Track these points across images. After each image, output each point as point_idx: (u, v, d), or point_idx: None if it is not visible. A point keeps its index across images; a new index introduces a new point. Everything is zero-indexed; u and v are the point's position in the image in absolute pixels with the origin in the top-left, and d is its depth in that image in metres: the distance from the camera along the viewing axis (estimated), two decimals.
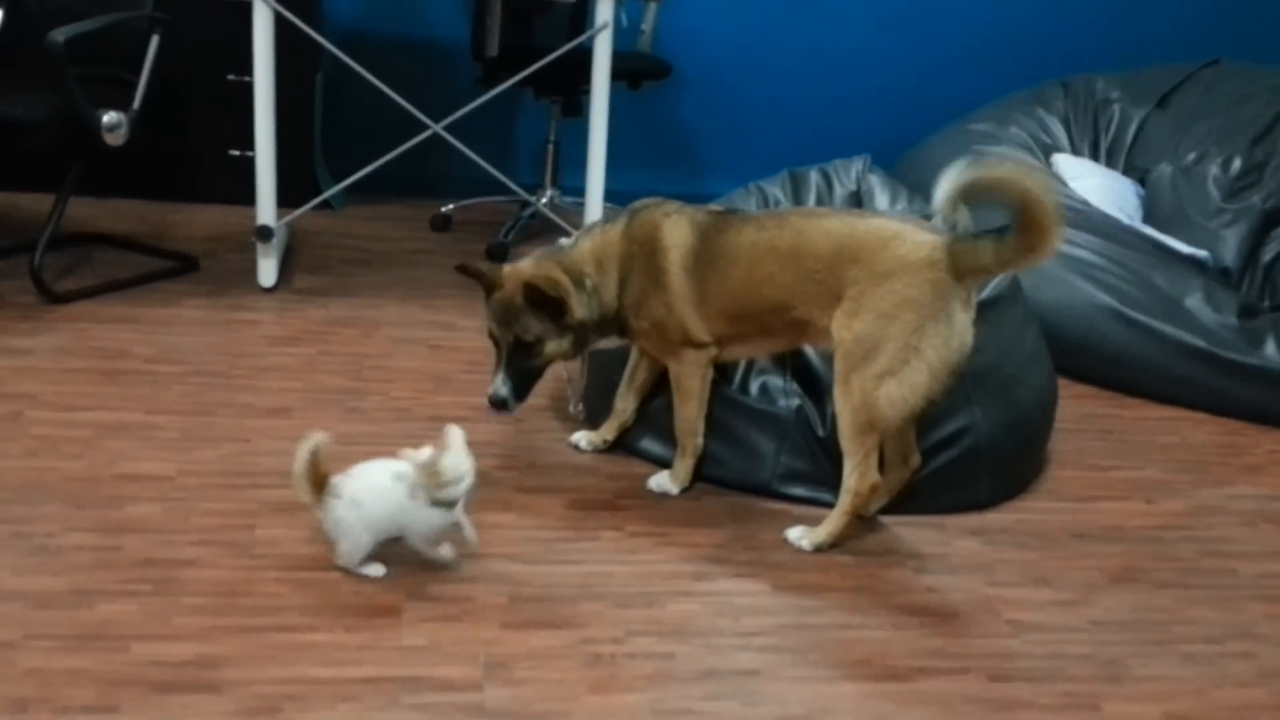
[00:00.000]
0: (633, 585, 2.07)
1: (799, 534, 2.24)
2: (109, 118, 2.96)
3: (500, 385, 2.23)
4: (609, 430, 2.50)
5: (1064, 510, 2.49)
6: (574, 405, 2.54)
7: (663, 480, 2.38)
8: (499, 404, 2.23)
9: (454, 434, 1.96)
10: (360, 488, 1.98)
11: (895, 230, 2.13)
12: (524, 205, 3.96)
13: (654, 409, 2.48)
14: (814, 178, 3.03)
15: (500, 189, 3.77)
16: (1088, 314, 3.14)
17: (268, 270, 3.27)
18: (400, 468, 1.97)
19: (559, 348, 2.24)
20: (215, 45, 3.74)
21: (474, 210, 4.13)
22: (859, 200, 3.03)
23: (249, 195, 3.27)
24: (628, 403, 2.48)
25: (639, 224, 2.26)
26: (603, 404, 2.56)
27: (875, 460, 2.18)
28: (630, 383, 2.47)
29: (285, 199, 3.33)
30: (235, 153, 3.88)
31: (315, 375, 2.77)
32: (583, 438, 2.52)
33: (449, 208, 4.03)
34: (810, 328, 2.21)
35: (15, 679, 1.68)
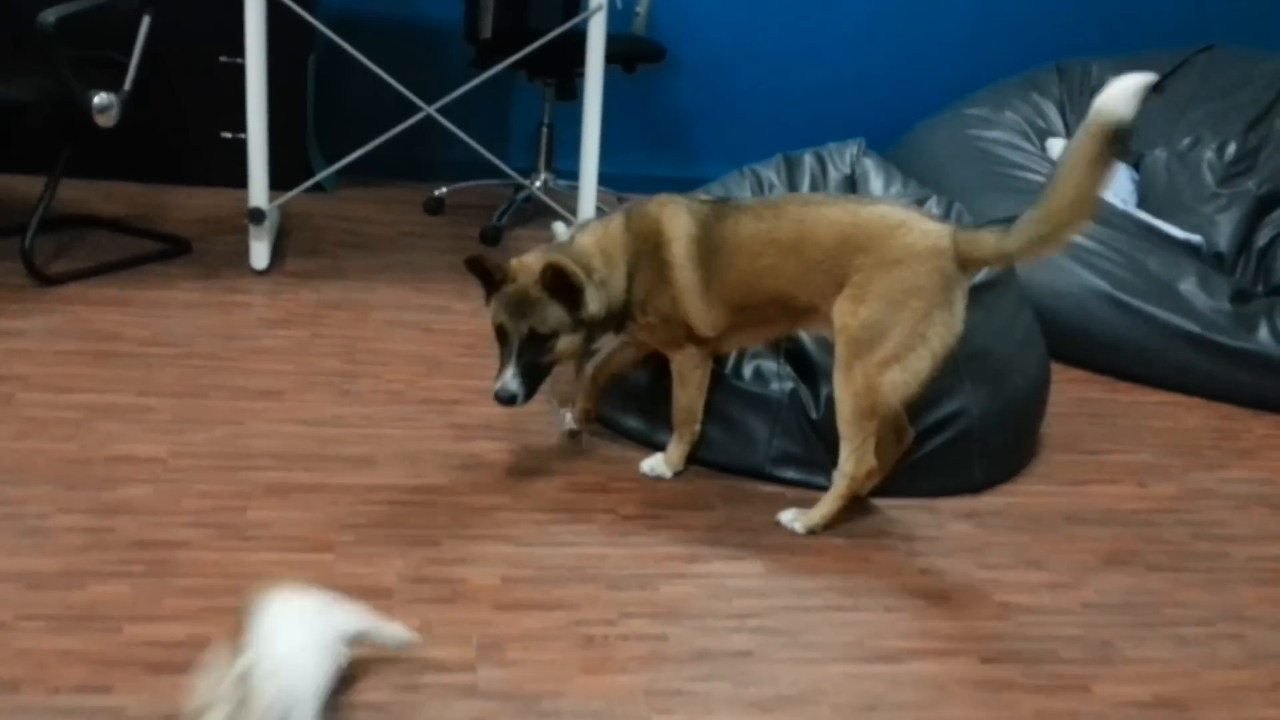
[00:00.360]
0: (626, 567, 2.07)
1: (791, 516, 2.24)
2: (100, 99, 2.95)
3: (510, 380, 2.16)
4: (587, 399, 2.50)
5: (1057, 493, 2.49)
6: (561, 421, 2.51)
7: (656, 463, 2.38)
8: (508, 399, 2.16)
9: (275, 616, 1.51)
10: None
11: (901, 218, 2.12)
12: (518, 189, 3.95)
13: (638, 388, 2.48)
14: (809, 161, 3.03)
15: (494, 172, 3.76)
16: (1081, 299, 3.14)
17: (260, 253, 3.26)
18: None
19: (571, 343, 2.19)
20: (207, 26, 3.72)
21: (467, 194, 4.12)
22: (854, 184, 3.02)
23: (241, 178, 3.26)
24: (597, 374, 2.47)
25: (640, 218, 2.25)
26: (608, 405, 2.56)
27: (872, 445, 2.18)
28: (602, 366, 2.45)
29: (278, 181, 3.32)
30: (227, 135, 3.86)
31: (308, 358, 2.76)
32: (568, 418, 2.50)
33: (442, 191, 4.02)
34: (811, 315, 2.21)
35: (7, 659, 1.68)
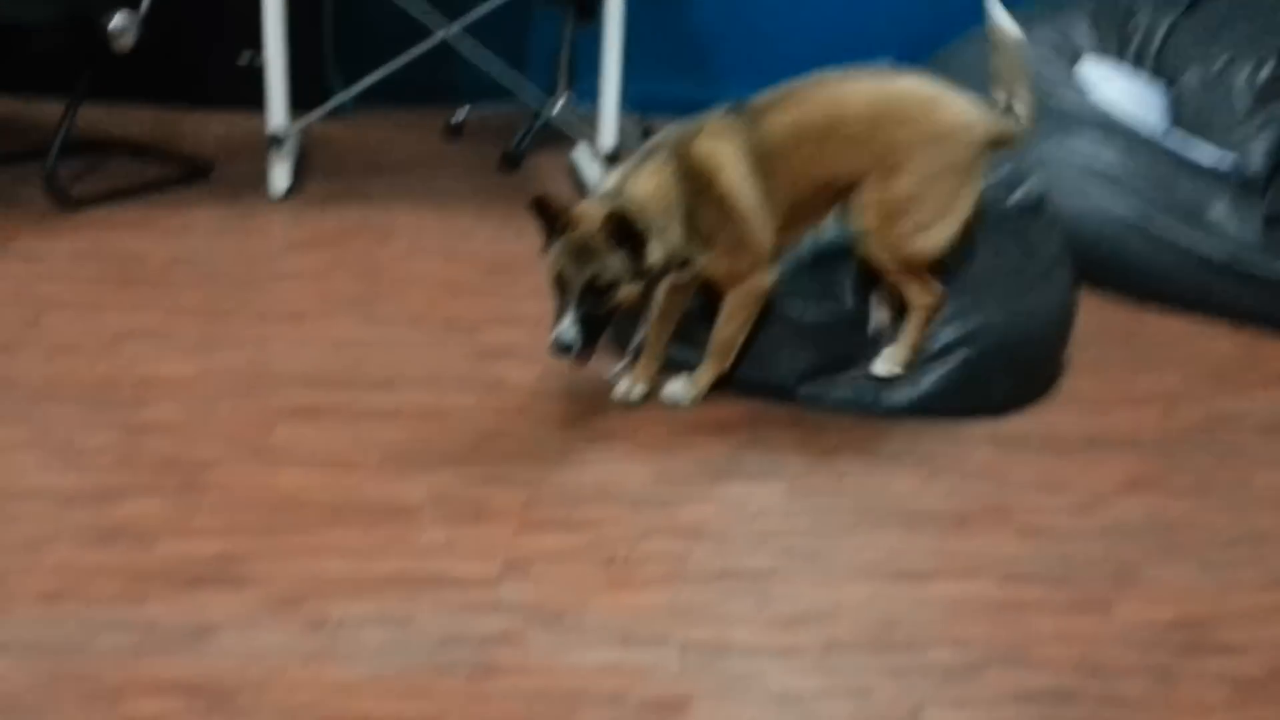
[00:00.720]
0: (648, 488, 2.08)
1: (886, 359, 2.32)
2: (117, 19, 2.93)
3: (568, 329, 2.07)
4: (643, 377, 2.39)
5: (1080, 418, 2.49)
6: (623, 387, 2.45)
7: (676, 390, 2.38)
8: (565, 349, 2.08)
9: None
10: None
11: (934, 94, 2.23)
12: (537, 112, 3.92)
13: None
14: None
15: (514, 96, 3.73)
16: (1109, 224, 3.10)
17: (280, 177, 3.26)
18: None
19: (631, 292, 2.14)
20: None
21: (487, 118, 4.09)
22: None
23: (260, 101, 3.24)
24: (659, 344, 2.40)
25: (684, 159, 2.18)
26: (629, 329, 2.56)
27: (928, 280, 2.29)
28: (651, 335, 2.39)
29: (297, 105, 3.30)
30: (246, 58, 3.83)
31: (330, 281, 2.77)
32: (630, 386, 2.39)
33: (461, 115, 3.98)
34: (849, 192, 2.27)
35: (45, 573, 1.72)
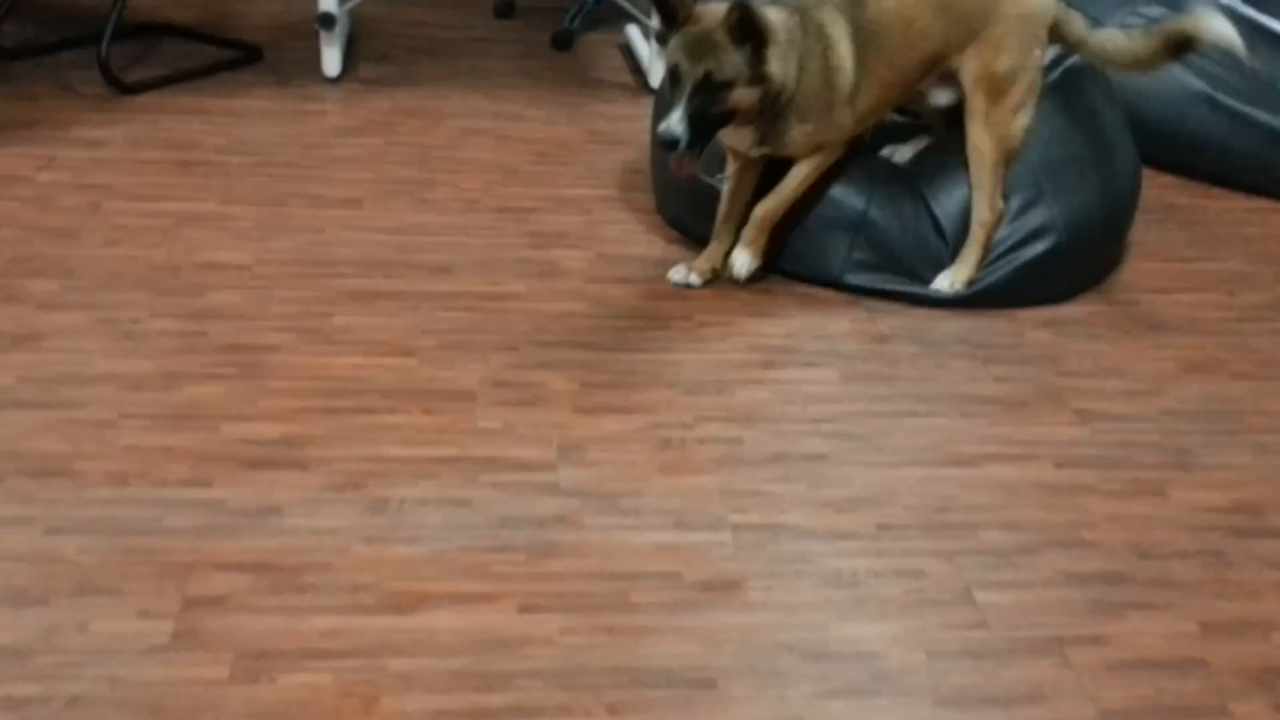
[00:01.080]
0: (702, 372, 2.09)
1: (945, 278, 2.32)
2: None
3: (676, 122, 2.04)
4: (713, 260, 2.38)
5: (1141, 302, 2.45)
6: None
7: (741, 261, 2.33)
8: (671, 142, 2.05)
9: None
10: None
11: None
12: None
13: (712, 193, 2.44)
14: None
15: None
16: (1176, 99, 3.01)
17: (332, 59, 3.24)
18: None
19: (746, 96, 2.10)
20: None
21: None
22: None
23: None
24: (729, 226, 2.38)
25: (807, 21, 2.18)
26: (688, 213, 2.54)
27: (1001, 191, 2.30)
28: (729, 210, 2.37)
29: None
30: None
31: (384, 166, 2.77)
32: (683, 272, 2.37)
33: None
34: (943, 72, 2.31)
35: (115, 455, 1.77)
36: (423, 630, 1.51)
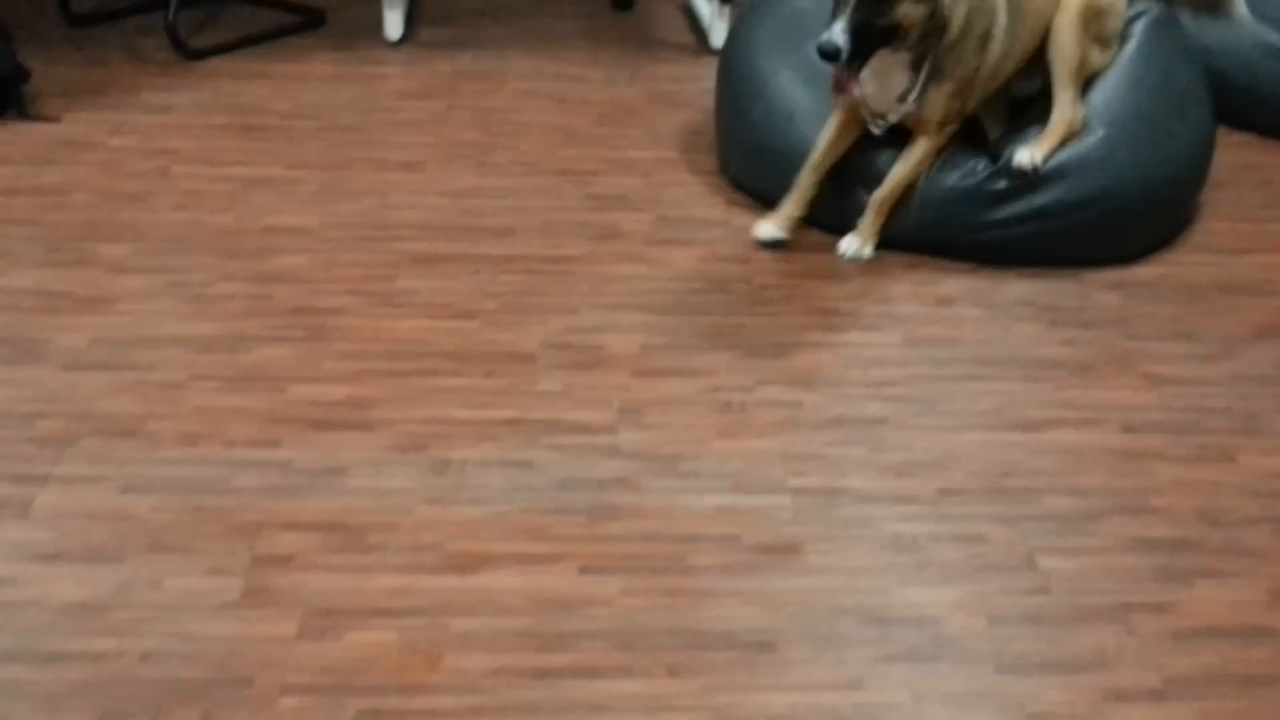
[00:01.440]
0: (762, 335, 2.09)
1: (1029, 151, 2.27)
2: None
3: (838, 33, 2.01)
4: (797, 207, 2.35)
5: (1212, 263, 2.40)
6: (769, 231, 2.35)
7: (851, 247, 2.32)
8: (832, 53, 2.02)
9: None
10: None
11: None
12: None
13: (787, 157, 2.43)
14: None
15: None
16: (1250, 54, 2.92)
17: (394, 22, 3.25)
18: None
19: (913, 11, 2.08)
20: None
21: None
22: None
23: None
24: (815, 177, 2.34)
25: None
26: (753, 173, 2.53)
27: (1079, 101, 2.33)
28: (821, 160, 2.33)
29: None
30: None
31: (445, 129, 2.78)
32: (770, 227, 2.35)
33: None
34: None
35: (185, 416, 1.81)
36: (484, 590, 1.53)
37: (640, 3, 3.66)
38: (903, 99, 2.21)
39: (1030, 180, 2.27)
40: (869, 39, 2.06)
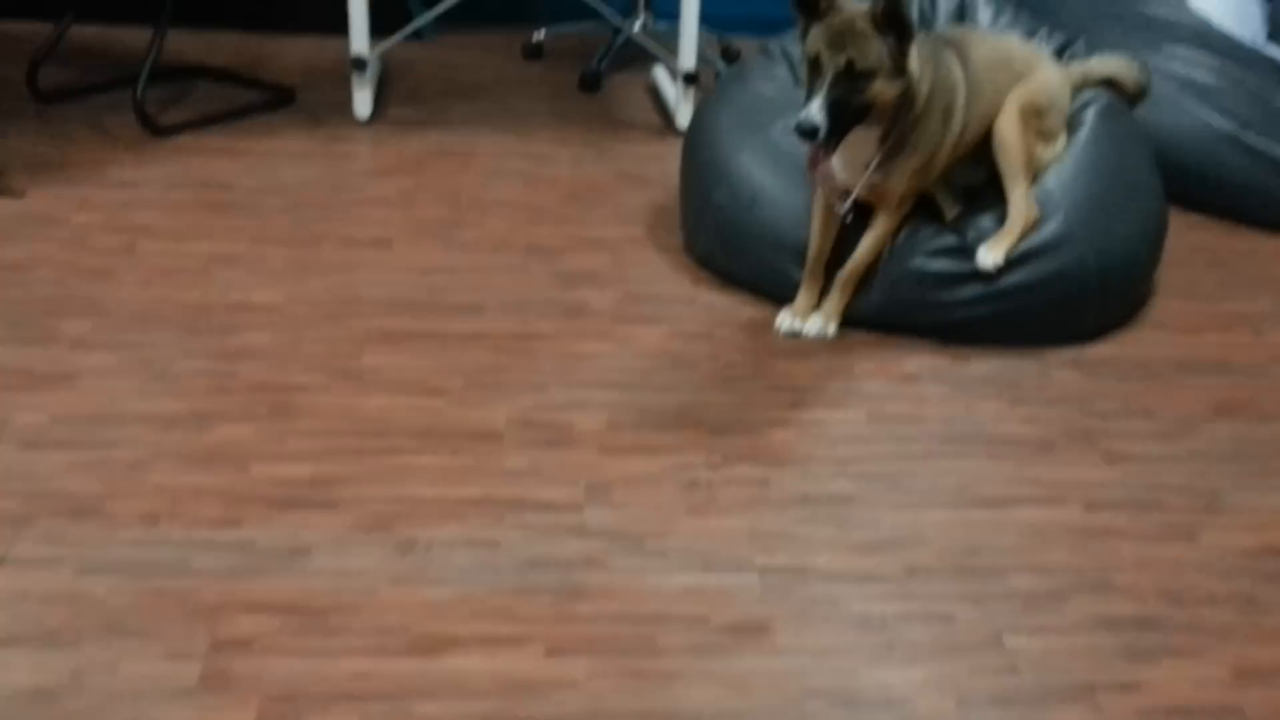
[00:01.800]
0: (729, 413, 2.10)
1: (991, 253, 2.30)
2: None
3: (816, 111, 2.05)
4: (811, 297, 2.38)
5: (1169, 342, 2.44)
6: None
7: (816, 327, 2.34)
8: (810, 131, 2.05)
9: None
10: None
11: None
12: (617, 32, 3.88)
13: (753, 237, 2.46)
14: None
15: (592, 15, 3.69)
16: (1204, 140, 3.00)
17: (363, 102, 3.28)
18: None
19: (886, 90, 2.12)
20: None
21: (566, 38, 4.06)
22: (963, 14, 2.92)
23: (341, 25, 3.25)
24: (819, 266, 2.38)
25: (938, 53, 2.26)
26: (718, 253, 2.55)
27: (1032, 195, 2.37)
28: (819, 248, 2.36)
29: (377, 29, 3.30)
30: None
31: (414, 207, 2.80)
32: (790, 319, 2.37)
33: (540, 35, 3.96)
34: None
35: (145, 495, 1.79)
36: (450, 673, 1.51)
37: (607, 84, 3.73)
38: (876, 167, 2.25)
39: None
40: (845, 116, 2.11)
